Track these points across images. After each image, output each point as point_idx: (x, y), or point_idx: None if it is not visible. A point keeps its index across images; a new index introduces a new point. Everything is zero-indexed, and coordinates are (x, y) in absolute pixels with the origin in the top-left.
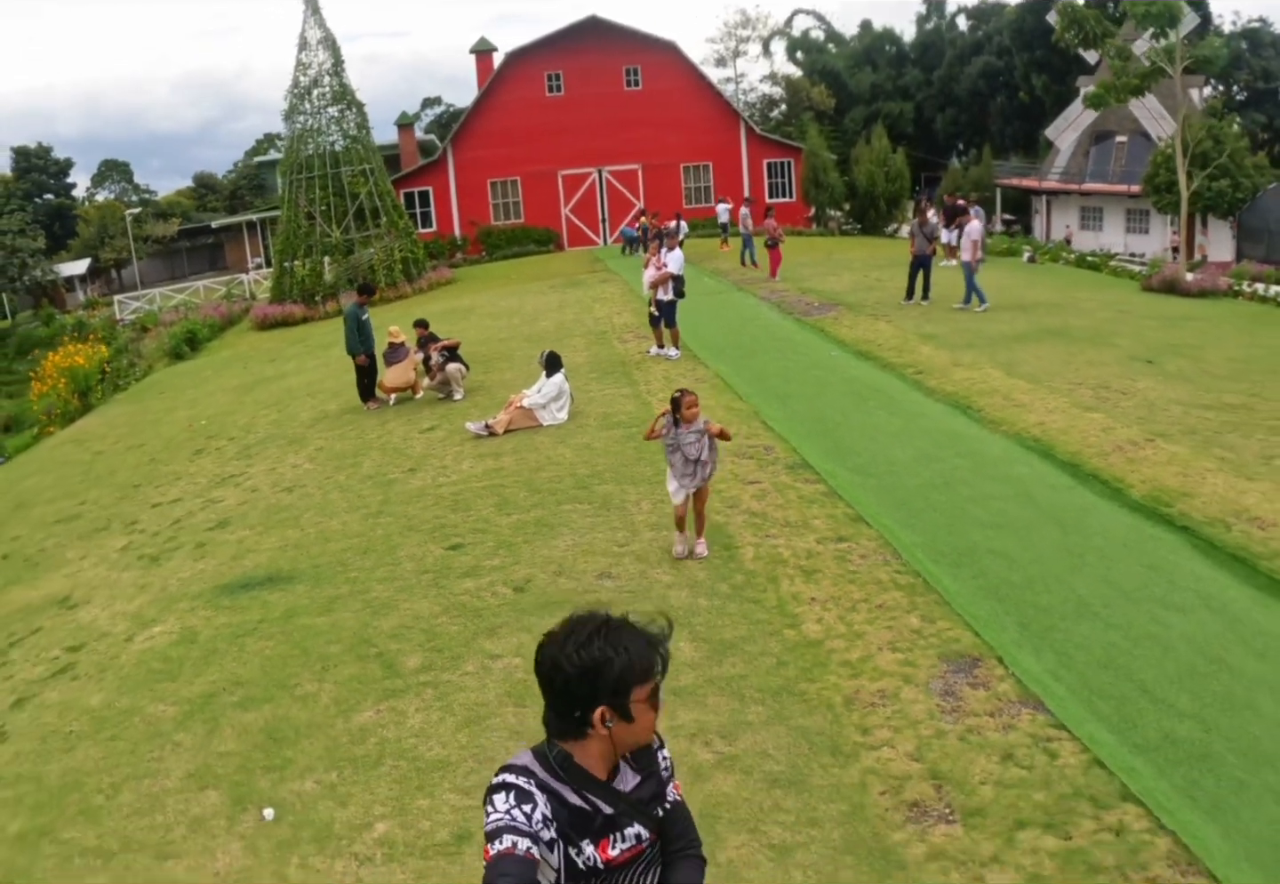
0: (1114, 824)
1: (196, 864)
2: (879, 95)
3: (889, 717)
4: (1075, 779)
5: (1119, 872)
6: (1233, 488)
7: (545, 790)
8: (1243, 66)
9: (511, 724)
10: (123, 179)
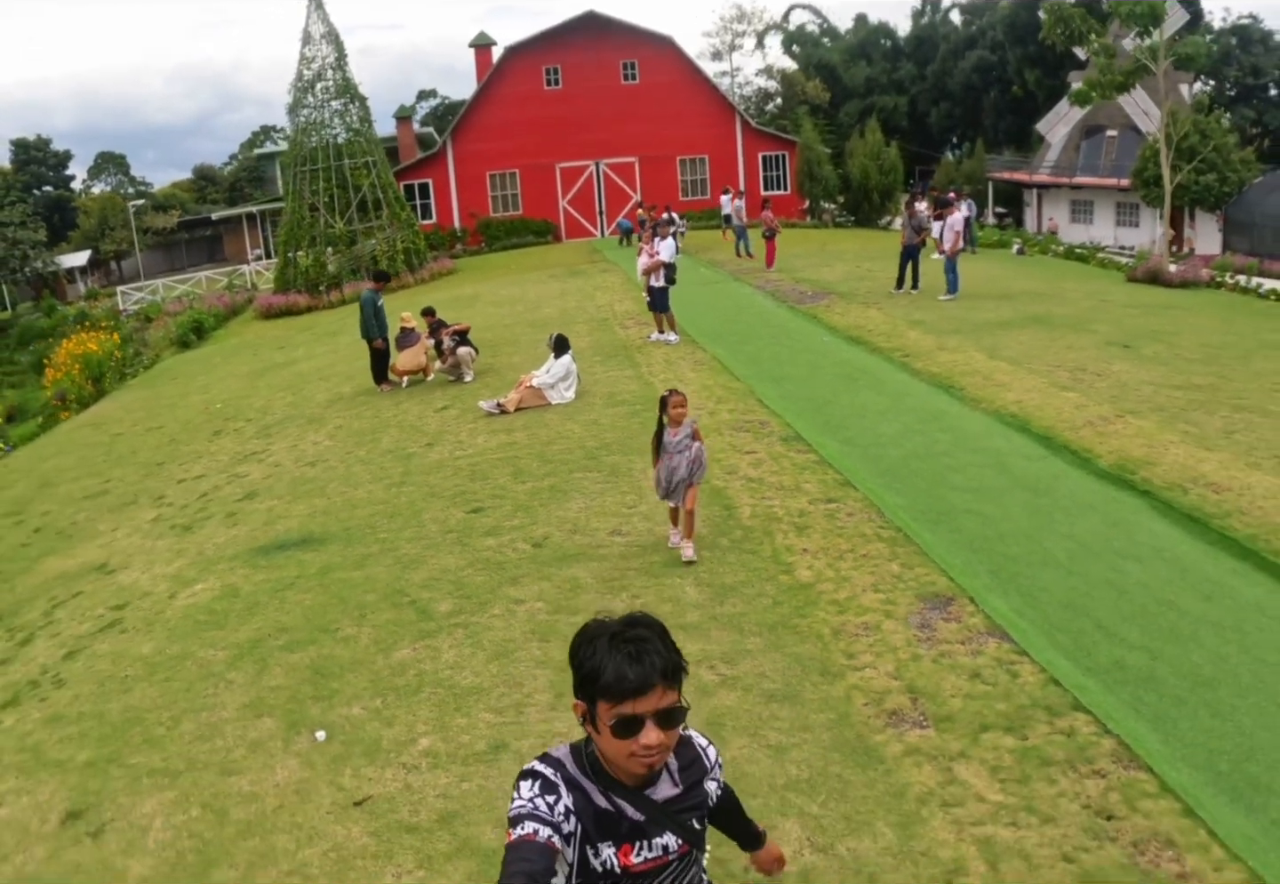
0: (1065, 728)
1: (258, 778)
2: (873, 89)
3: (871, 644)
4: (1033, 693)
5: (1069, 764)
6: (1192, 458)
7: (572, 785)
8: (1233, 63)
9: (537, 656)
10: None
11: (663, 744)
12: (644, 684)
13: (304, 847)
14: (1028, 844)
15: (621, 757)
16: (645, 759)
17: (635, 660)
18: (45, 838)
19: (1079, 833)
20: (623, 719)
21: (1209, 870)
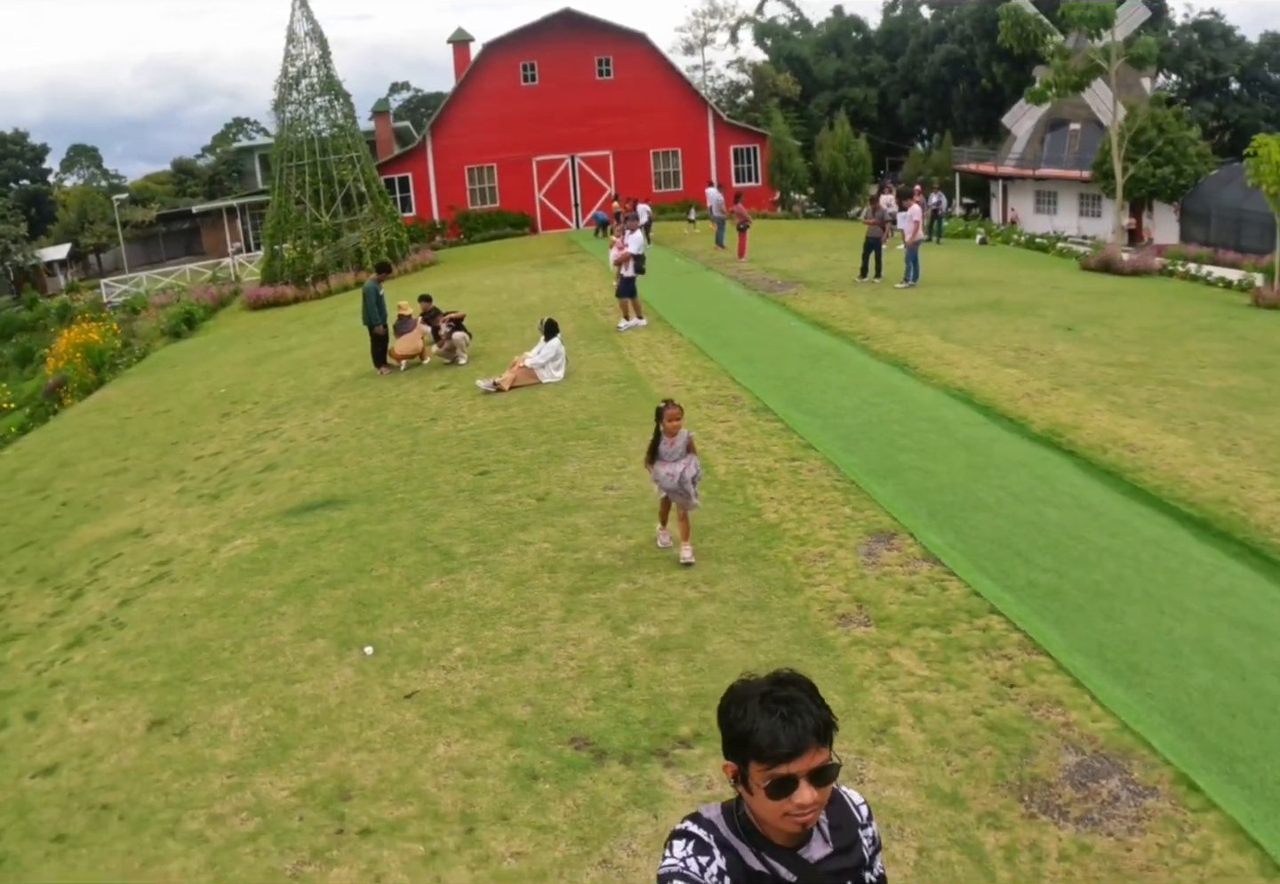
0: (982, 626)
1: (319, 684)
2: (844, 81)
3: (826, 568)
4: (958, 602)
5: (983, 650)
6: (1115, 423)
7: (724, 847)
8: (1194, 58)
9: (547, 584)
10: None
11: (816, 802)
12: (798, 746)
13: (366, 729)
14: (946, 703)
15: (775, 817)
16: (799, 818)
17: (788, 722)
18: (135, 741)
19: (987, 695)
20: (777, 780)
21: (1088, 722)
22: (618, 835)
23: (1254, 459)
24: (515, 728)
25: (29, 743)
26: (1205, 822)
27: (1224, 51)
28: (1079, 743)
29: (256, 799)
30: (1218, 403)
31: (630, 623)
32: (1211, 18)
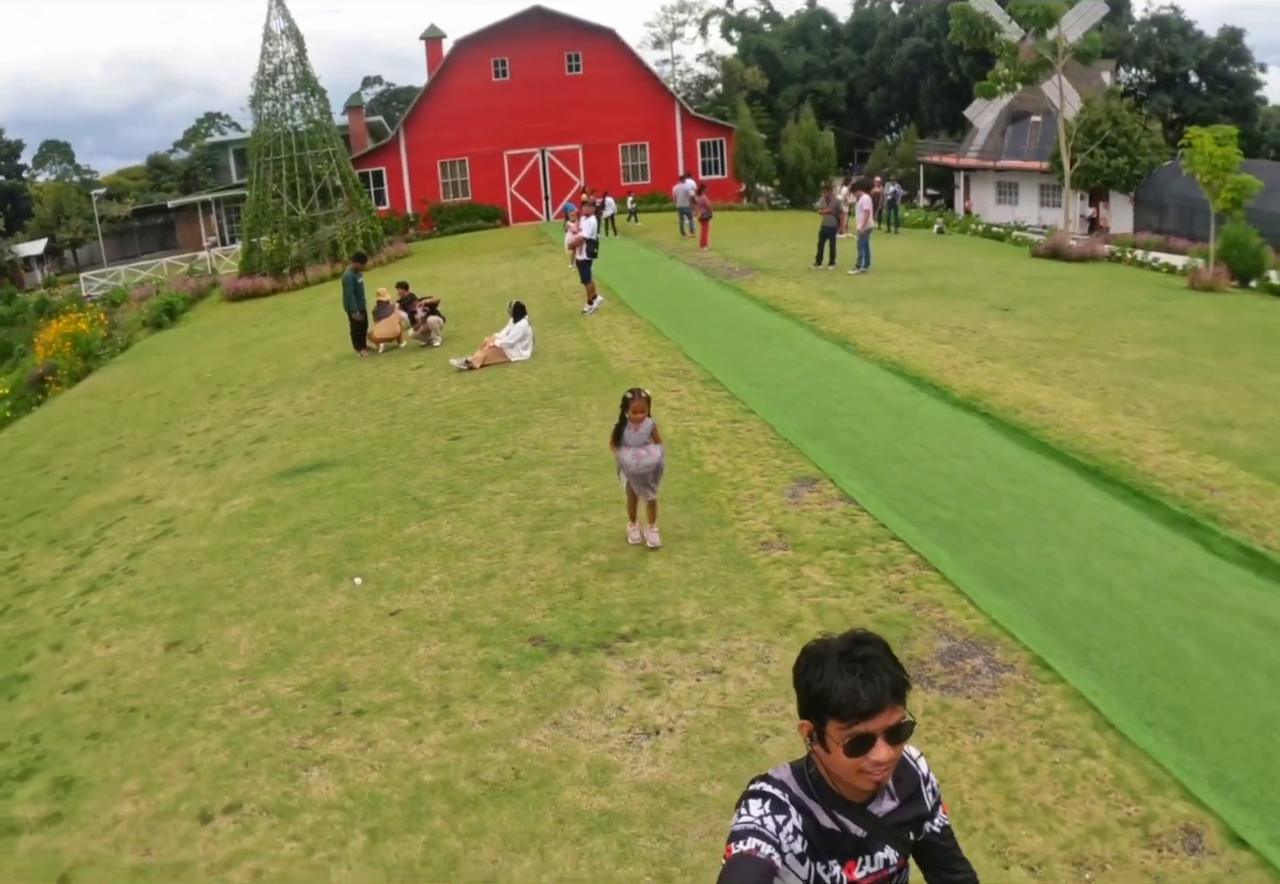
0: (883, 549)
1: (315, 608)
2: (813, 74)
3: (754, 506)
4: (865, 531)
5: (880, 567)
6: (1030, 390)
7: (798, 806)
8: (1152, 52)
9: (513, 525)
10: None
11: (891, 759)
12: (877, 704)
13: (357, 640)
14: (844, 605)
15: (851, 773)
16: (874, 775)
17: (867, 680)
18: (154, 660)
19: (879, 599)
20: (856, 738)
21: (962, 619)
22: (566, 704)
23: (1154, 419)
24: (483, 633)
25: (57, 668)
26: (1051, 691)
27: (1182, 46)
28: (952, 633)
29: (265, 695)
30: (1132, 372)
31: (583, 552)
32: (1171, 13)
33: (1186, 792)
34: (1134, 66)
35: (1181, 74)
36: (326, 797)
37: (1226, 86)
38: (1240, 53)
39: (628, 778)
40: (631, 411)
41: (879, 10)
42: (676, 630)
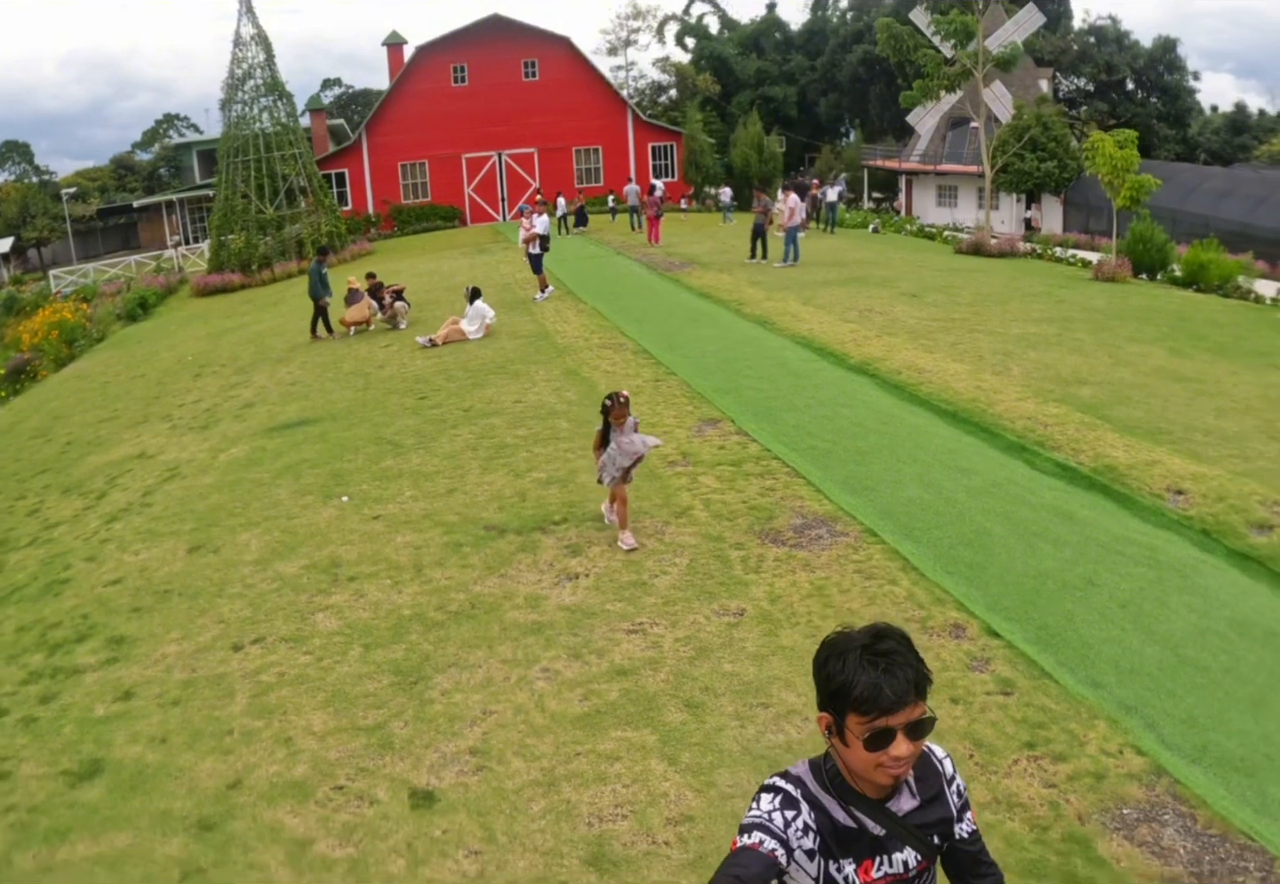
0: (765, 464)
1: (311, 518)
2: (765, 80)
3: (666, 439)
4: (752, 454)
5: (760, 477)
6: (916, 357)
7: (812, 802)
8: (1088, 60)
9: (470, 456)
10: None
11: (911, 755)
12: (900, 700)
13: (347, 535)
14: (726, 499)
15: (869, 768)
16: (892, 770)
17: (889, 675)
18: (179, 560)
19: (754, 495)
20: (876, 732)
21: (816, 505)
22: (510, 565)
23: (1016, 378)
24: (447, 526)
25: (94, 572)
26: (874, 549)
27: (1118, 55)
28: (805, 514)
29: (276, 574)
30: (1011, 344)
31: (527, 472)
32: (1108, 23)
33: (962, 607)
34: (1072, 74)
35: (1118, 81)
36: (330, 628)
37: (1161, 93)
38: (1175, 61)
39: (553, 603)
40: (613, 417)
41: (830, 18)
42: (596, 517)
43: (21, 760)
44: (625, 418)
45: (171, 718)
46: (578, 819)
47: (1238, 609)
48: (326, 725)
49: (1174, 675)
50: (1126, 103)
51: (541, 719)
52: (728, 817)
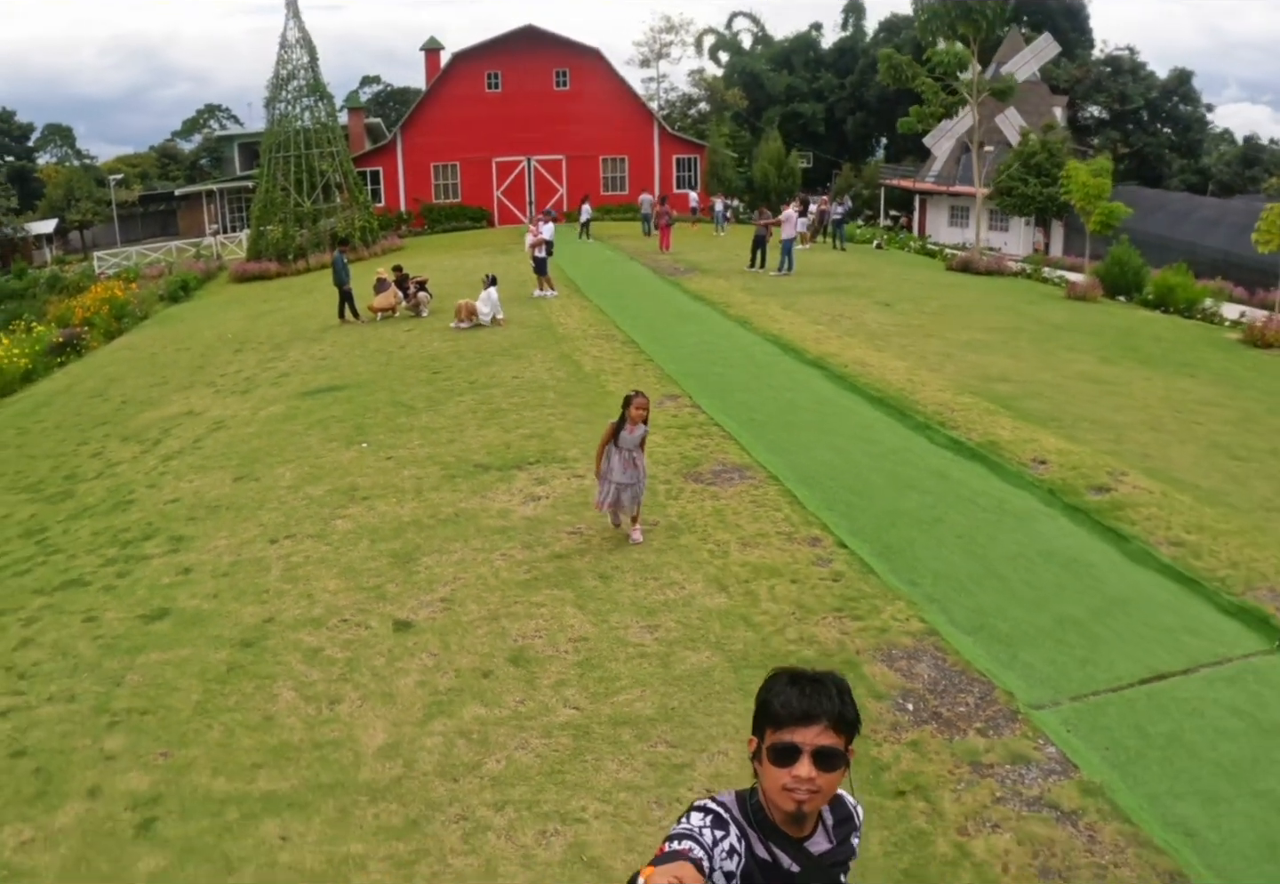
0: (705, 429)
1: (335, 458)
2: (794, 96)
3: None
4: (697, 421)
5: (699, 437)
6: (865, 354)
7: (738, 828)
8: (1102, 90)
9: (470, 417)
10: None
11: (813, 781)
12: (808, 714)
13: (364, 469)
14: (666, 450)
15: (775, 788)
16: (795, 794)
17: (805, 695)
18: (226, 486)
19: (689, 449)
20: (782, 746)
21: (735, 458)
22: (490, 490)
23: (948, 375)
24: (444, 464)
25: (154, 495)
26: (771, 488)
27: (1131, 85)
28: (726, 464)
29: (305, 495)
30: (956, 348)
31: (515, 429)
32: (1125, 53)
33: (825, 528)
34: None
35: (1131, 111)
36: (345, 529)
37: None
38: (1189, 93)
39: (518, 515)
40: (633, 408)
41: (860, 37)
42: (563, 460)
43: (105, 610)
44: (642, 418)
45: (222, 583)
46: (508, 638)
47: (1052, 544)
48: (338, 586)
49: (979, 582)
50: (1139, 133)
51: (494, 582)
52: (613, 640)
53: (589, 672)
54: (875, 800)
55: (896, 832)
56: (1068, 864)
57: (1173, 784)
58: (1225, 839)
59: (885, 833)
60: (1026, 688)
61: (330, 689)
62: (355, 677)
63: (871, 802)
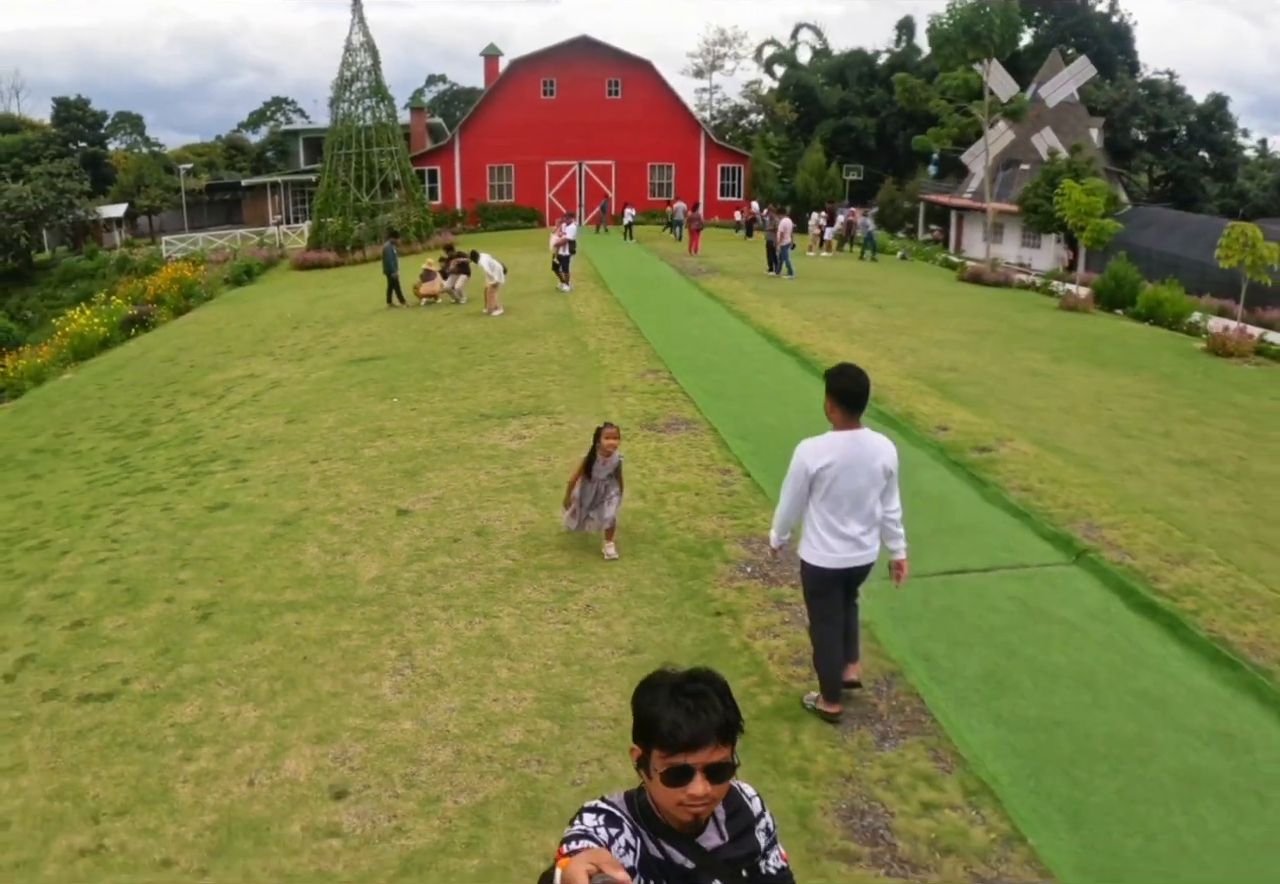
0: (674, 395)
1: (370, 409)
2: (847, 110)
3: (618, 378)
4: (670, 389)
5: (666, 400)
6: (836, 346)
7: (631, 827)
8: (1138, 113)
9: (484, 383)
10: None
11: (709, 796)
12: (698, 739)
13: (391, 417)
14: (634, 409)
15: (670, 804)
16: (691, 808)
17: (692, 715)
18: (279, 427)
19: (655, 410)
20: (674, 769)
21: (689, 416)
22: (487, 432)
23: (907, 365)
24: (456, 414)
25: (218, 433)
26: (709, 437)
27: (1168, 109)
28: (679, 419)
29: (342, 433)
30: (924, 345)
31: (519, 391)
32: (1165, 77)
33: (739, 463)
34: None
35: (1168, 134)
36: (371, 455)
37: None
38: (1225, 118)
39: (504, 448)
40: (604, 439)
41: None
42: (549, 412)
43: (179, 504)
44: (614, 447)
45: (271, 488)
46: (476, 520)
47: (925, 487)
48: (359, 489)
49: None
50: (1174, 156)
51: (475, 488)
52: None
53: (528, 540)
54: (697, 617)
55: (705, 635)
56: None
57: (932, 632)
58: (956, 667)
59: (696, 635)
60: None
61: (343, 546)
62: (363, 540)
63: (694, 618)
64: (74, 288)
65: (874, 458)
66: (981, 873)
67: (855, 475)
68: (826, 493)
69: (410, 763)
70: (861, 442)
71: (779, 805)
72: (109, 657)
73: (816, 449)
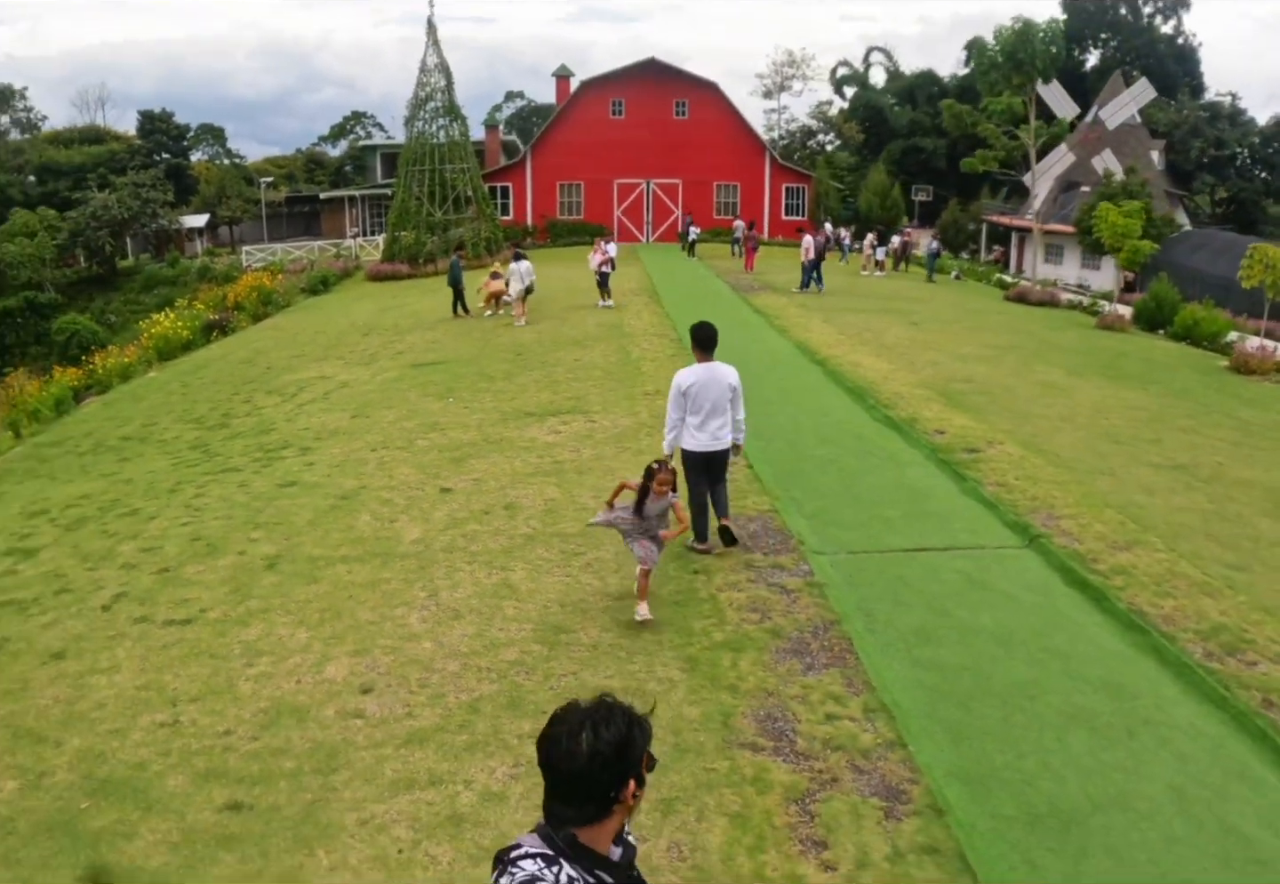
0: None
1: (428, 407)
2: (917, 131)
3: (653, 381)
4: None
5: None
6: (861, 358)
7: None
8: (1199, 135)
9: (532, 386)
10: (217, 143)
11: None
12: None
13: (445, 414)
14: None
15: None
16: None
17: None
18: (345, 421)
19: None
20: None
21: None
22: (528, 428)
23: (924, 376)
24: (503, 413)
25: (290, 425)
26: None
27: (1228, 131)
28: None
29: (401, 427)
30: (945, 358)
31: (562, 393)
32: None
33: (745, 459)
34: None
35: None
36: (424, 445)
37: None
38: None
39: (540, 441)
40: (657, 483)
41: None
42: (585, 411)
43: (252, 482)
44: (667, 491)
45: (334, 470)
46: (506, 497)
47: (911, 481)
48: (410, 472)
49: (836, 495)
50: (1236, 178)
51: (510, 472)
52: (570, 501)
53: (549, 515)
54: (678, 574)
55: (681, 587)
56: (768, 607)
57: (879, 594)
58: (891, 621)
59: (674, 588)
60: (819, 543)
61: (392, 515)
62: (409, 511)
63: (675, 575)
64: (156, 294)
65: (723, 379)
66: (861, 765)
67: (709, 390)
68: (693, 403)
69: (425, 671)
70: (714, 369)
71: (710, 711)
72: (189, 594)
73: (685, 375)
